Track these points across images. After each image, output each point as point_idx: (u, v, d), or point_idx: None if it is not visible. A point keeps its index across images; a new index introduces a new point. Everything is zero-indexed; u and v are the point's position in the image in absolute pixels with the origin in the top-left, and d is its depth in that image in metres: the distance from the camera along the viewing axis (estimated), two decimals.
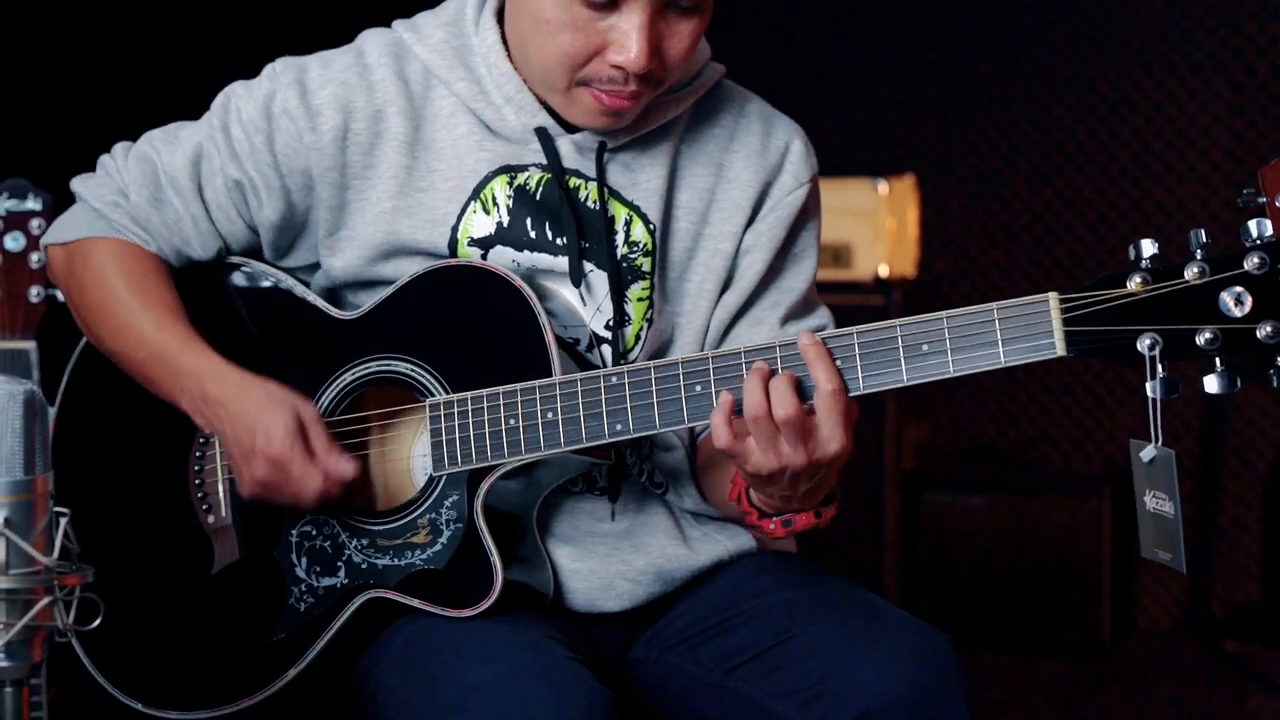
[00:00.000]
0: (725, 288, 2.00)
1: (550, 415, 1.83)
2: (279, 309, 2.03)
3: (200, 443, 2.04)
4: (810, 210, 2.03)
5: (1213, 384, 1.62)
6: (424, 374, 1.92)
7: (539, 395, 1.83)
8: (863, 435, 1.79)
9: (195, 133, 2.02)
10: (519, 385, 1.84)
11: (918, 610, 4.07)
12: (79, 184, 2.07)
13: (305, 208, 1.99)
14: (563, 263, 1.94)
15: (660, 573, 1.97)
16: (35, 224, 2.54)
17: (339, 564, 1.94)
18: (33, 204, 2.55)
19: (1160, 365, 1.63)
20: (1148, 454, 1.68)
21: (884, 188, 4.39)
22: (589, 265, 1.94)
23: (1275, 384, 1.60)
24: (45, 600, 1.51)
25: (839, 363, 1.73)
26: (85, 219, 2.05)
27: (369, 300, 1.97)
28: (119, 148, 2.07)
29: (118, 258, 2.02)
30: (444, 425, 1.88)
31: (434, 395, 1.90)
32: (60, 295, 2.14)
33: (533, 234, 1.94)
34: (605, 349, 1.95)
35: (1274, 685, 4.10)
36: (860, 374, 1.73)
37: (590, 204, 1.94)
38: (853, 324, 1.76)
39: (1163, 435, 1.65)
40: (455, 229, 1.94)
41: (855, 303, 1.96)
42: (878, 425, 4.25)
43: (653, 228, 1.95)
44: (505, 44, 1.94)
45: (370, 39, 2.00)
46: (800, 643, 1.85)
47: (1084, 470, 4.58)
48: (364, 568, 1.93)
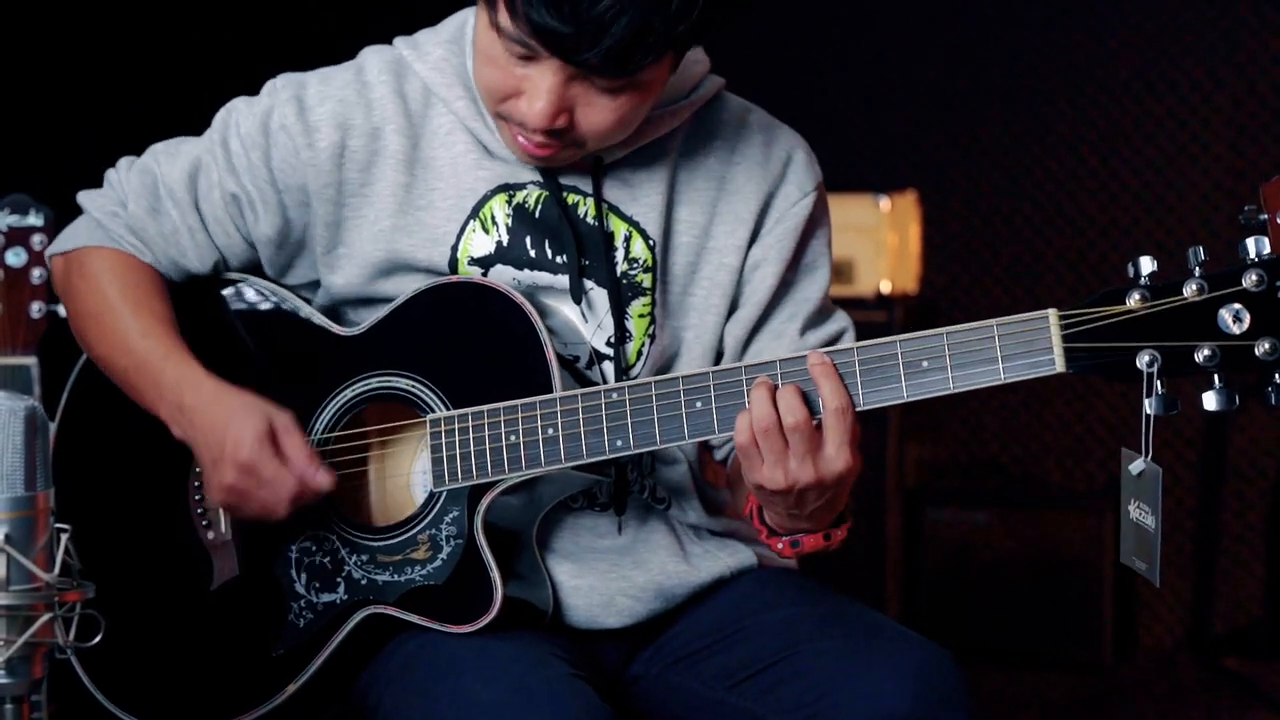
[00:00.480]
0: (734, 302, 2.00)
1: (551, 431, 1.83)
2: (279, 325, 2.04)
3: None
4: (818, 218, 2.02)
5: (1211, 401, 1.62)
6: (425, 390, 1.92)
7: (539, 411, 1.84)
8: (865, 451, 1.79)
9: (196, 146, 2.03)
10: (519, 401, 1.84)
11: (920, 626, 4.07)
12: (84, 197, 2.08)
13: (302, 224, 1.99)
14: (563, 280, 1.94)
15: (661, 589, 1.96)
16: (37, 239, 2.54)
17: (338, 580, 1.94)
18: (34, 219, 2.55)
19: (1159, 382, 1.63)
20: (1136, 467, 1.69)
21: (886, 204, 4.39)
22: (589, 282, 1.94)
23: (1273, 401, 1.61)
24: (46, 617, 1.51)
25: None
26: (85, 229, 2.06)
27: (370, 317, 1.97)
28: (123, 161, 2.08)
29: (112, 267, 2.02)
30: (444, 441, 1.88)
31: (435, 411, 1.90)
32: (62, 311, 2.15)
33: (532, 252, 1.94)
34: (607, 366, 1.95)
35: (1276, 703, 4.09)
36: (861, 390, 1.73)
37: (589, 220, 1.94)
38: (858, 342, 1.77)
39: (1157, 447, 1.66)
40: (455, 248, 1.94)
41: (857, 318, 1.96)
42: (880, 441, 4.25)
43: (653, 243, 1.95)
44: None
45: (371, 56, 2.00)
46: (801, 659, 1.85)
47: (1086, 487, 4.58)
48: (363, 584, 1.93)
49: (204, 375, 1.95)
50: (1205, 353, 1.61)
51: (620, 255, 1.95)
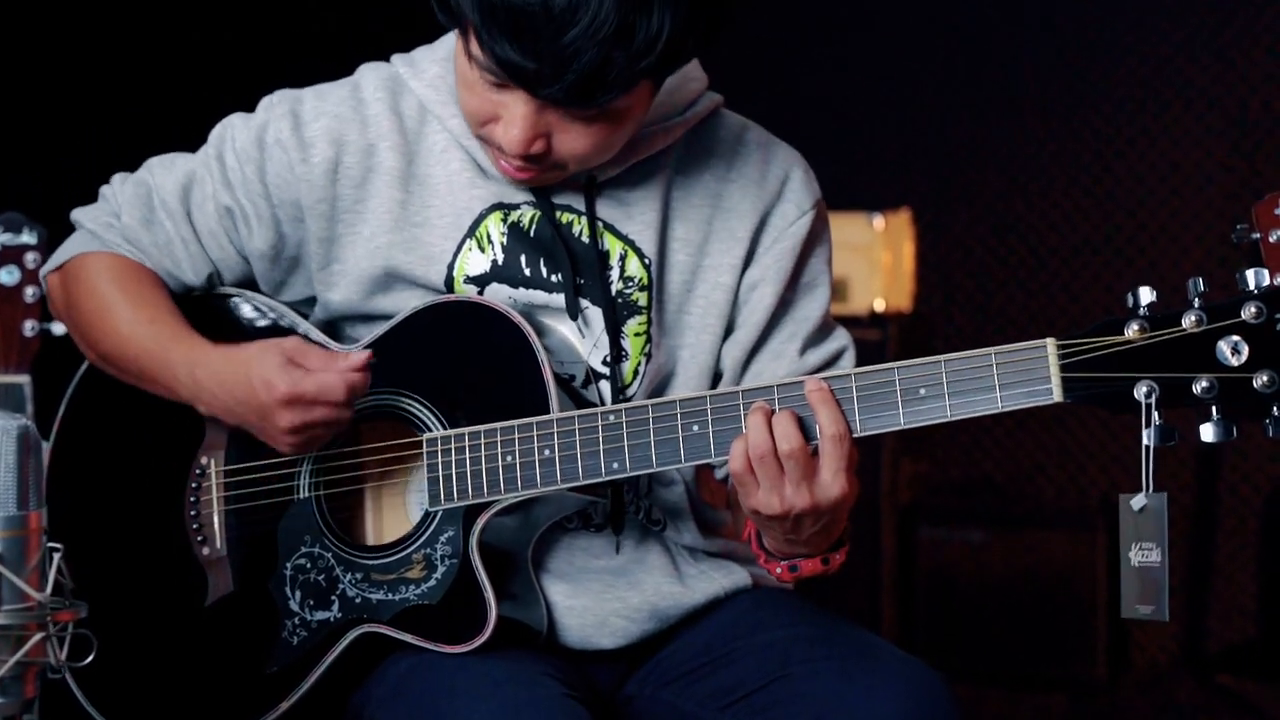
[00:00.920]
0: (730, 321, 1.99)
1: (547, 452, 1.83)
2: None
3: (196, 474, 2.04)
4: (817, 236, 2.02)
5: (1209, 433, 1.62)
6: (422, 409, 1.91)
7: (536, 432, 1.83)
8: (859, 470, 1.79)
9: (191, 160, 2.03)
10: (516, 422, 1.84)
11: (914, 645, 4.07)
12: (78, 213, 2.08)
13: (295, 240, 1.99)
14: (558, 299, 1.94)
15: (655, 610, 1.96)
16: (30, 258, 2.54)
17: (333, 598, 1.94)
18: (27, 238, 2.55)
19: (1156, 413, 1.63)
20: (1138, 503, 1.68)
21: (880, 222, 4.39)
22: (585, 301, 1.94)
23: (1270, 434, 1.61)
24: (38, 636, 1.50)
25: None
26: (80, 240, 2.07)
27: (367, 334, 1.97)
28: (118, 176, 2.08)
29: (109, 266, 2.02)
30: (441, 461, 1.88)
31: (431, 430, 1.90)
32: (56, 329, 2.14)
33: (528, 271, 1.94)
34: (604, 384, 1.95)
35: None
36: (858, 417, 1.73)
37: (583, 239, 1.94)
38: (855, 368, 1.77)
39: (1154, 482, 1.65)
40: (451, 266, 1.94)
41: (851, 337, 1.98)
42: (874, 460, 4.25)
43: (648, 262, 1.95)
44: None
45: (367, 73, 2.00)
46: (794, 680, 1.85)
47: (1080, 505, 4.58)
48: (358, 602, 1.92)
49: (208, 346, 1.94)
50: (1204, 384, 1.62)
51: (615, 274, 1.95)
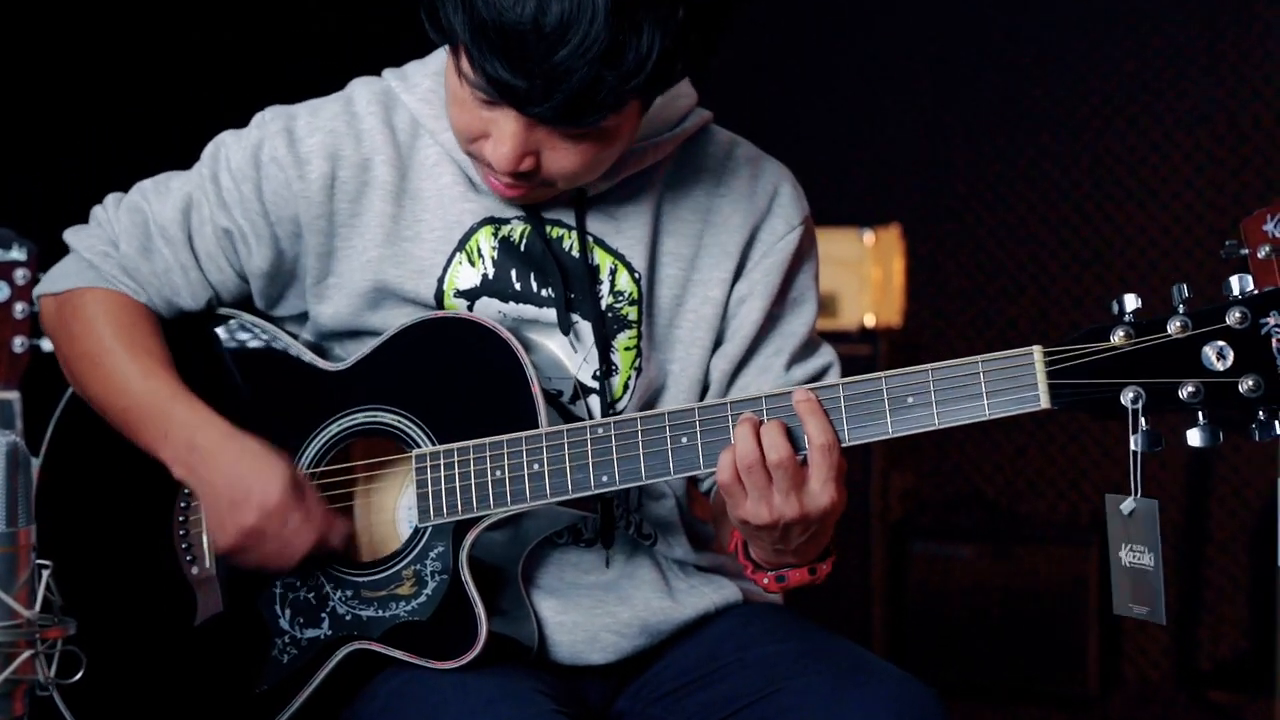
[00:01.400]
0: (719, 335, 2.00)
1: (536, 467, 1.83)
2: (266, 360, 2.03)
3: (185, 493, 2.03)
4: (805, 253, 2.02)
5: (1195, 438, 1.63)
6: (410, 425, 1.91)
7: (525, 447, 1.83)
8: (849, 485, 1.79)
9: (185, 182, 2.02)
10: (505, 437, 1.84)
11: (905, 660, 4.06)
12: (71, 235, 2.07)
13: (294, 255, 1.99)
14: (549, 314, 1.94)
15: (645, 625, 1.96)
16: (20, 274, 2.53)
17: (323, 615, 1.93)
18: (17, 254, 2.54)
19: (1143, 419, 1.64)
20: (1127, 506, 1.69)
21: (870, 238, 4.40)
22: (575, 315, 1.94)
23: (1257, 438, 1.62)
24: (27, 654, 1.50)
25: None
26: (76, 269, 2.05)
27: (356, 351, 1.97)
28: (110, 199, 2.07)
29: (107, 308, 2.02)
30: (430, 476, 1.88)
31: (420, 446, 1.90)
32: (45, 345, 2.14)
33: (518, 285, 1.94)
34: (594, 399, 1.95)
35: None
36: (846, 426, 1.74)
37: (574, 254, 1.95)
38: (843, 378, 1.77)
39: (1143, 488, 1.66)
40: (441, 280, 1.94)
41: (841, 352, 1.96)
42: (865, 475, 4.25)
43: (638, 276, 1.95)
44: None
45: (359, 87, 2.00)
46: (786, 695, 1.85)
47: (1071, 520, 4.58)
48: (348, 619, 1.92)
49: (214, 415, 1.94)
50: (1189, 390, 1.62)
51: (605, 288, 1.95)
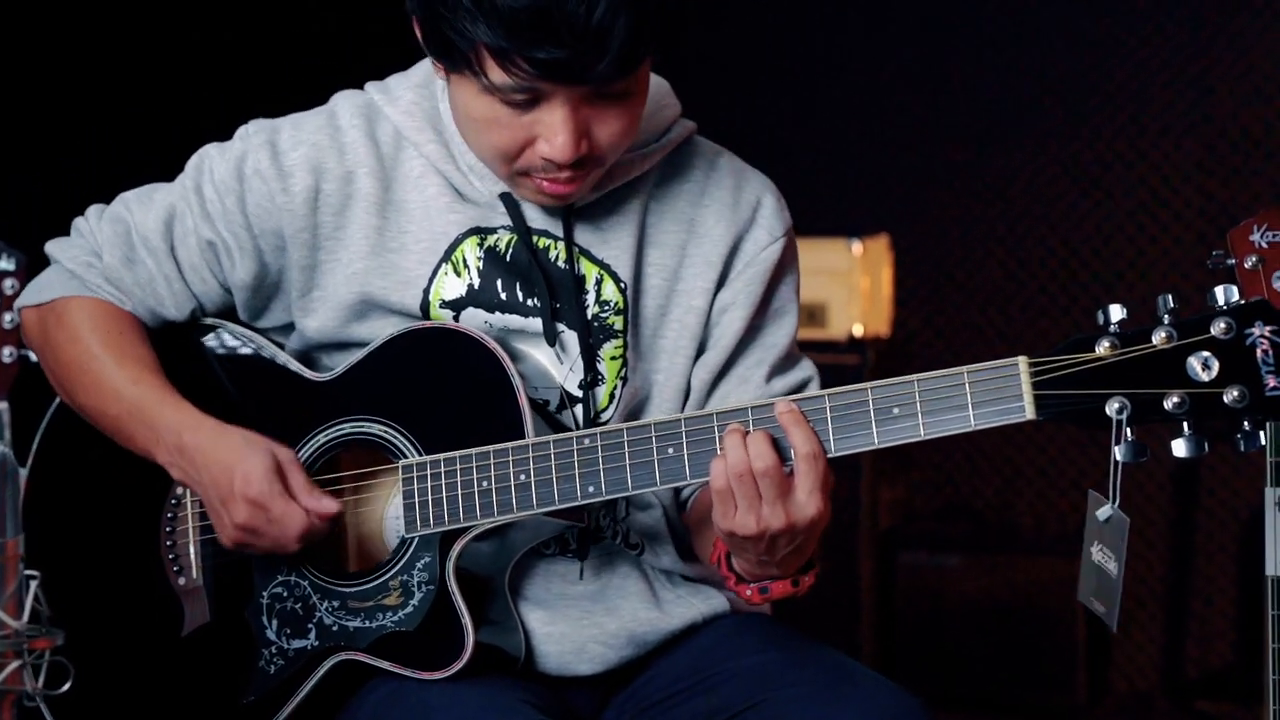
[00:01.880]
0: (702, 345, 2.00)
1: (523, 477, 1.83)
2: (252, 371, 2.03)
3: (172, 504, 2.03)
4: (787, 265, 2.03)
5: (1181, 448, 1.64)
6: (397, 436, 1.91)
7: (511, 457, 1.83)
8: (838, 495, 1.80)
9: (169, 194, 2.02)
10: (492, 447, 1.84)
11: (893, 670, 4.06)
12: (53, 247, 2.07)
13: (278, 268, 1.99)
14: (534, 324, 1.94)
15: (632, 636, 1.96)
16: (8, 284, 2.54)
17: (310, 626, 1.93)
18: (5, 264, 2.54)
19: (1128, 429, 1.64)
20: (1104, 513, 1.70)
21: (858, 248, 4.40)
22: (561, 325, 1.94)
23: (1242, 448, 1.62)
24: (15, 664, 1.50)
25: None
26: (59, 279, 2.05)
27: (343, 362, 1.97)
28: (93, 210, 2.07)
29: (92, 315, 2.02)
30: (417, 487, 1.88)
31: (407, 457, 1.90)
32: (34, 355, 2.14)
33: (504, 295, 1.94)
34: (579, 409, 1.95)
35: None
36: (832, 437, 1.74)
37: (560, 264, 1.95)
38: (828, 383, 1.77)
39: (1129, 490, 1.67)
40: (427, 291, 1.94)
41: (830, 362, 1.97)
42: (853, 485, 4.25)
43: (624, 286, 1.96)
44: None
45: (342, 100, 2.00)
46: (773, 705, 1.85)
47: (1059, 530, 4.58)
48: (335, 630, 1.92)
49: (200, 415, 1.94)
50: (1174, 400, 1.63)
51: (591, 298, 1.95)
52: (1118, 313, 1.65)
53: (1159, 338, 1.63)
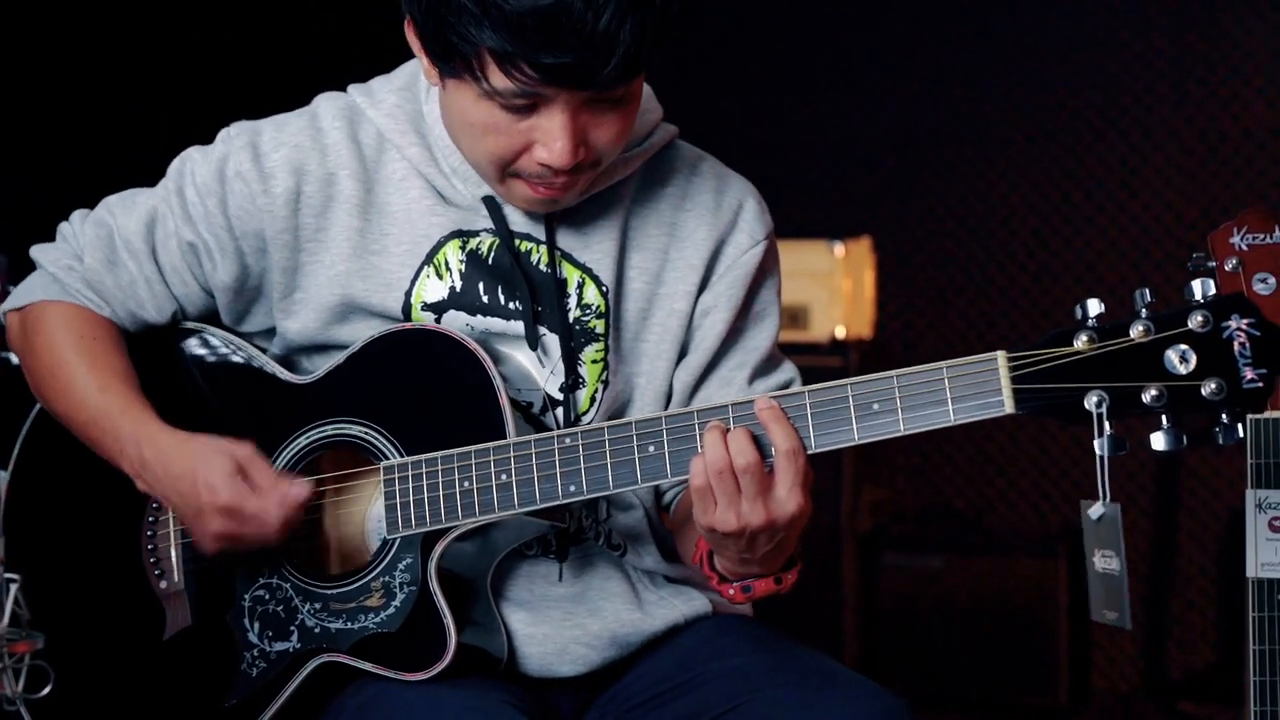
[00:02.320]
0: (684, 348, 2.00)
1: (504, 477, 1.83)
2: (234, 374, 2.03)
3: (153, 507, 2.03)
4: (768, 268, 2.03)
5: (1159, 441, 1.64)
6: (379, 437, 1.91)
7: (493, 457, 1.83)
8: (820, 497, 1.80)
9: (151, 197, 2.02)
10: (473, 447, 1.84)
11: (876, 671, 4.06)
12: (37, 251, 2.07)
13: (259, 270, 1.99)
14: (516, 327, 1.94)
15: (615, 637, 1.96)
16: None
17: (292, 628, 1.93)
18: None
19: (1107, 422, 1.64)
20: (1096, 511, 1.70)
21: (840, 250, 4.41)
22: (542, 329, 1.94)
23: (1220, 441, 1.63)
24: None
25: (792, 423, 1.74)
26: (41, 284, 2.05)
27: (324, 365, 1.97)
28: (76, 215, 2.07)
29: (69, 321, 2.02)
30: (398, 488, 1.88)
31: (389, 458, 1.90)
32: (15, 358, 2.13)
33: (485, 299, 1.94)
34: (560, 411, 1.95)
35: None
36: (812, 433, 1.74)
37: (542, 267, 1.95)
38: (809, 385, 1.77)
39: (1110, 492, 1.67)
40: (409, 293, 1.94)
41: (812, 364, 1.98)
42: (835, 487, 4.25)
43: (605, 290, 1.96)
44: None
45: (324, 103, 2.00)
46: (756, 707, 1.85)
47: (1040, 531, 4.59)
48: (317, 631, 1.92)
49: (159, 427, 1.94)
50: (1153, 393, 1.63)
51: (573, 301, 1.95)
52: (1095, 307, 1.66)
53: (1137, 331, 1.64)
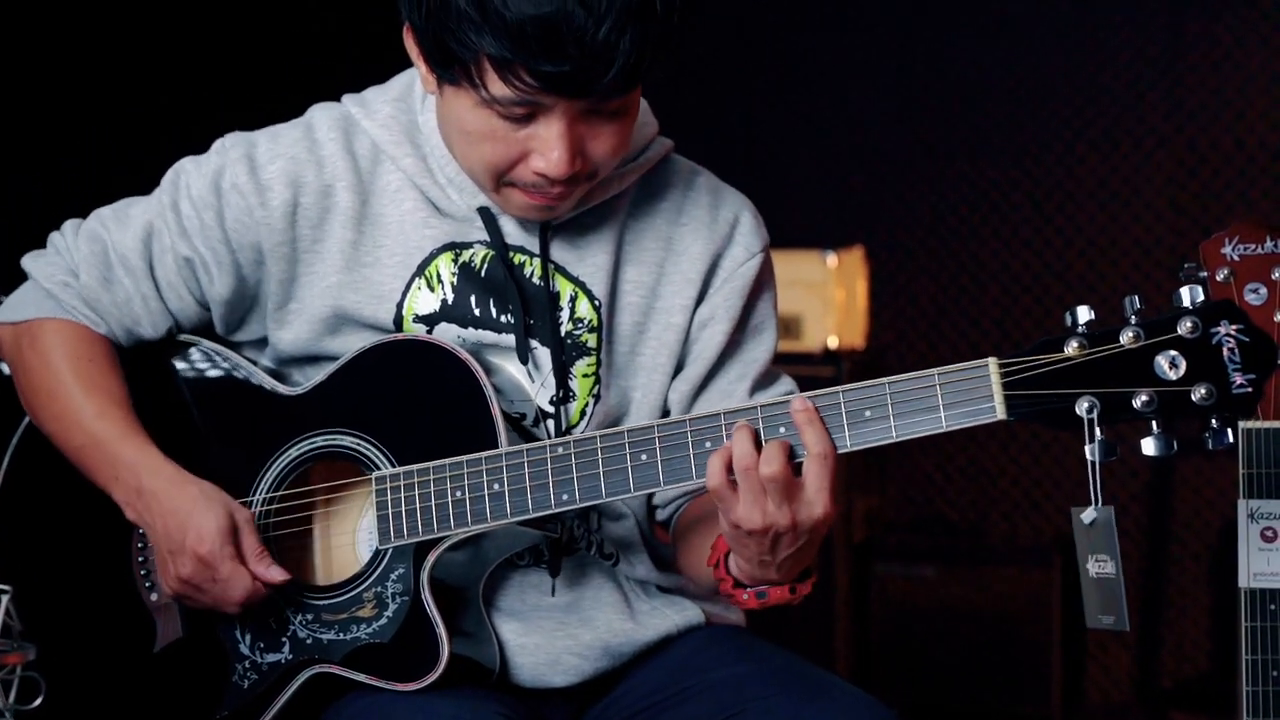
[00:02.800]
0: (680, 362, 2.00)
1: (496, 486, 1.83)
2: (225, 387, 2.03)
3: None
4: (764, 281, 2.03)
5: (1150, 446, 1.64)
6: (370, 448, 1.91)
7: (485, 467, 1.83)
8: None
9: (145, 210, 2.01)
10: (465, 457, 1.84)
11: (868, 681, 4.06)
12: (29, 262, 2.06)
13: (256, 282, 1.99)
14: (507, 339, 1.94)
15: (607, 648, 1.96)
16: None
17: (283, 639, 1.93)
18: None
19: (1098, 428, 1.65)
20: (1088, 516, 1.71)
21: (833, 260, 4.41)
22: (533, 342, 1.94)
23: (1210, 446, 1.63)
24: None
25: (781, 430, 1.74)
26: (35, 299, 2.04)
27: (315, 376, 1.97)
28: (69, 225, 2.06)
29: (65, 340, 2.01)
30: (390, 498, 1.87)
31: (380, 469, 1.89)
32: (5, 369, 2.13)
33: (477, 311, 1.94)
34: (551, 424, 1.95)
35: None
36: None
37: (535, 280, 1.95)
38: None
39: (1102, 497, 1.67)
40: (400, 305, 1.94)
41: (804, 373, 1.98)
42: None
43: (598, 304, 1.96)
44: None
45: (319, 113, 2.00)
46: (749, 717, 1.85)
47: (1033, 541, 4.59)
48: (309, 643, 1.91)
49: (162, 459, 1.94)
50: (1143, 399, 1.64)
51: (565, 315, 1.95)
52: (1085, 314, 1.66)
53: (1127, 337, 1.64)
